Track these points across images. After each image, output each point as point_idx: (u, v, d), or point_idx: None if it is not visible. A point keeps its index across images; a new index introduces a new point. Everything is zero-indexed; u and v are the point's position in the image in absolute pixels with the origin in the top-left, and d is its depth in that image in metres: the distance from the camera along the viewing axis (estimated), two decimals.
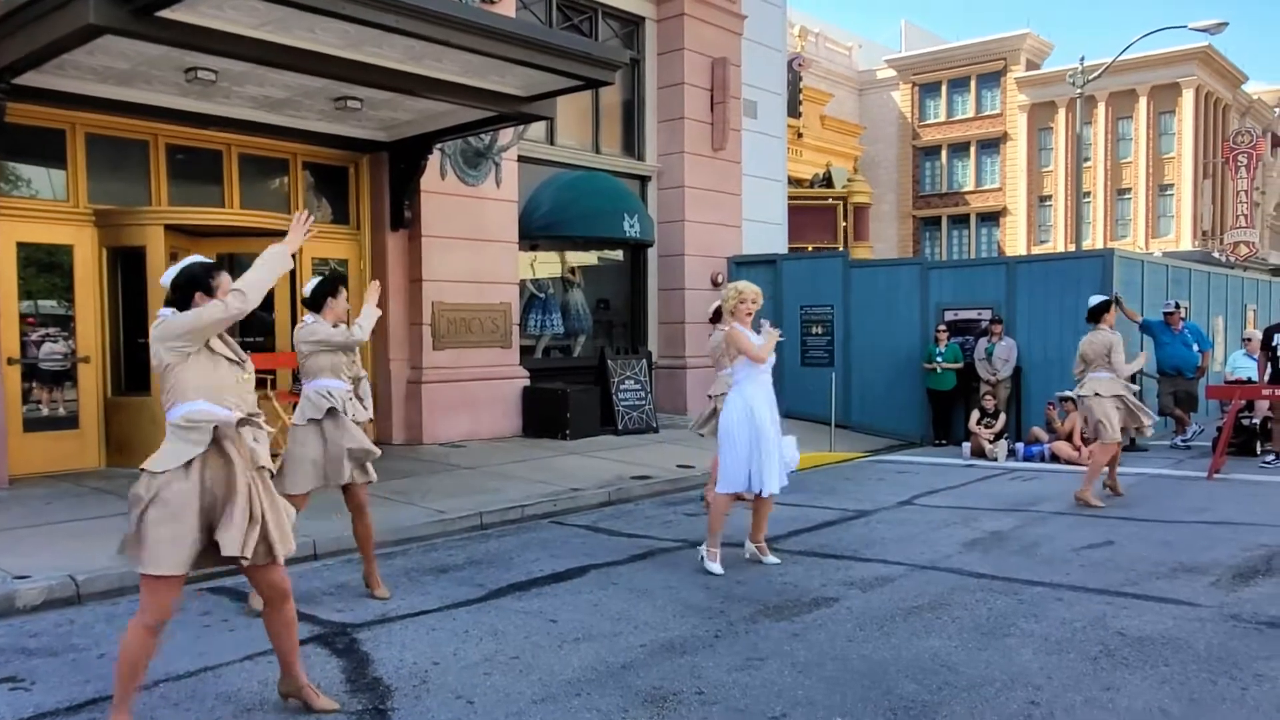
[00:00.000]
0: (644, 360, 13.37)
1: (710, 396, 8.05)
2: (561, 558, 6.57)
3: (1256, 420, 11.46)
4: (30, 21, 7.17)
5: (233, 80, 8.65)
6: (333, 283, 5.51)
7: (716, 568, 6.11)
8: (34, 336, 9.18)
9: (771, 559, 6.38)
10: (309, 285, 5.55)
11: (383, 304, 11.21)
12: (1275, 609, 5.23)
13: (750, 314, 6.27)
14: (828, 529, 7.58)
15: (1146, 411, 8.68)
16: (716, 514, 6.26)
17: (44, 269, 9.29)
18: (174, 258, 9.57)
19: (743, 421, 6.13)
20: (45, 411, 9.33)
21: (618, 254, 14.83)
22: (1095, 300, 8.89)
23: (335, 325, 5.42)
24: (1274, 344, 10.91)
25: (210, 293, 3.67)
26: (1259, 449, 11.20)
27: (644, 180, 14.67)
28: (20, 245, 8.94)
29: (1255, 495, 8.89)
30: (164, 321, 3.64)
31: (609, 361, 12.85)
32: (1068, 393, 11.22)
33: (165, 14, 6.83)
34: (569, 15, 13.53)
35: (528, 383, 12.30)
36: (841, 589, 5.73)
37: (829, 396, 12.14)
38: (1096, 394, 8.47)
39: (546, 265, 14.00)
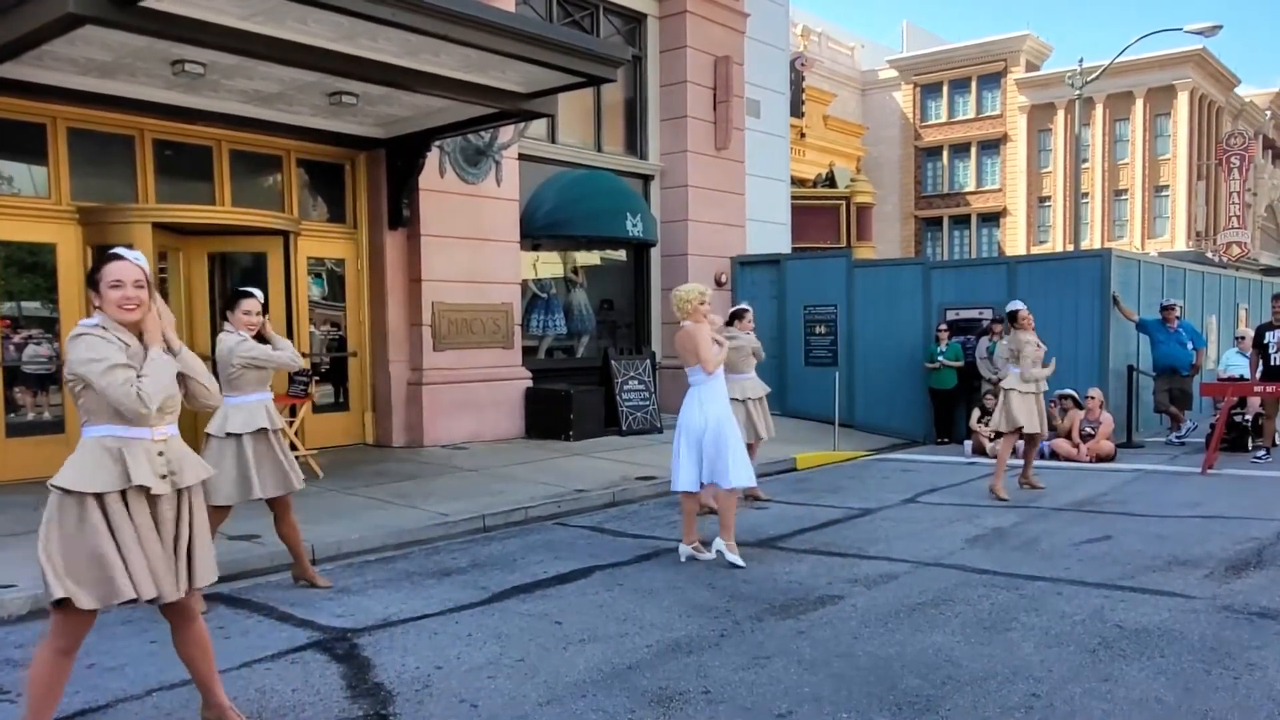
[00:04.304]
0: (648, 360, 13.31)
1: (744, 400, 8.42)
2: (566, 559, 6.52)
3: (1248, 417, 11.57)
4: (7, 10, 6.91)
5: (222, 73, 8.45)
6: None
7: (737, 559, 6.25)
8: (16, 338, 8.99)
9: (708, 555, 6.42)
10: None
11: (381, 304, 11.32)
12: (1266, 600, 5.31)
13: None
14: (833, 527, 7.55)
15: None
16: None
17: (25, 269, 9.11)
18: (163, 257, 9.50)
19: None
20: (30, 416, 9.12)
21: (621, 254, 14.78)
22: (1012, 306, 9.18)
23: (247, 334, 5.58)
24: (1265, 342, 11.05)
25: (96, 288, 3.38)
26: (1250, 445, 11.30)
27: (647, 179, 14.63)
28: (0, 244, 8.77)
29: (1247, 490, 9.01)
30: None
31: (613, 362, 12.79)
32: (1068, 390, 11.24)
33: (149, 3, 6.55)
34: (570, 11, 13.48)
35: (530, 384, 12.24)
36: (846, 586, 5.71)
37: (832, 396, 12.10)
38: (1006, 389, 8.91)
39: (549, 265, 13.95)
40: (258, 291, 5.72)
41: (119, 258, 3.41)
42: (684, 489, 6.46)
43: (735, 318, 8.86)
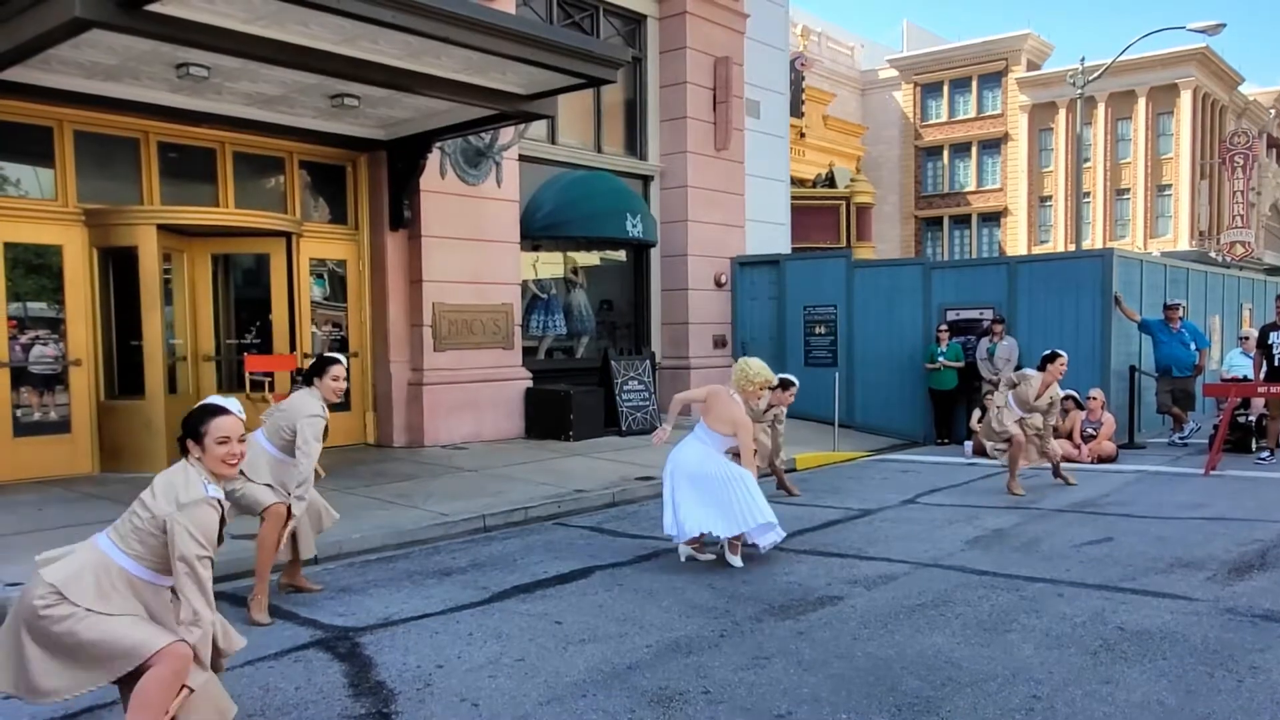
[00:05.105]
0: (648, 361, 13.34)
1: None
2: (566, 559, 6.54)
3: (1252, 418, 11.55)
4: (14, 14, 6.96)
5: (225, 76, 8.49)
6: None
7: (737, 560, 6.31)
8: (23, 339, 9.04)
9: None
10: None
11: (382, 305, 11.35)
12: (1269, 602, 5.29)
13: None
14: (832, 528, 7.57)
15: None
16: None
17: (32, 270, 9.16)
18: (167, 258, 9.56)
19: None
20: (36, 416, 9.17)
21: (620, 254, 14.80)
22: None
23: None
24: (1269, 342, 11.06)
25: (199, 440, 3.30)
26: (1254, 446, 11.28)
27: (646, 180, 14.64)
28: (7, 246, 8.81)
29: (1250, 491, 8.98)
30: None
31: (612, 362, 12.82)
32: (1069, 391, 11.23)
33: (154, 8, 6.60)
34: (570, 12, 13.49)
35: (530, 384, 12.27)
36: (846, 587, 5.72)
37: (832, 396, 12.12)
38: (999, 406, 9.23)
39: (549, 266, 13.96)
40: (344, 358, 5.72)
41: (225, 411, 3.32)
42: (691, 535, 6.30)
43: (781, 387, 8.61)
